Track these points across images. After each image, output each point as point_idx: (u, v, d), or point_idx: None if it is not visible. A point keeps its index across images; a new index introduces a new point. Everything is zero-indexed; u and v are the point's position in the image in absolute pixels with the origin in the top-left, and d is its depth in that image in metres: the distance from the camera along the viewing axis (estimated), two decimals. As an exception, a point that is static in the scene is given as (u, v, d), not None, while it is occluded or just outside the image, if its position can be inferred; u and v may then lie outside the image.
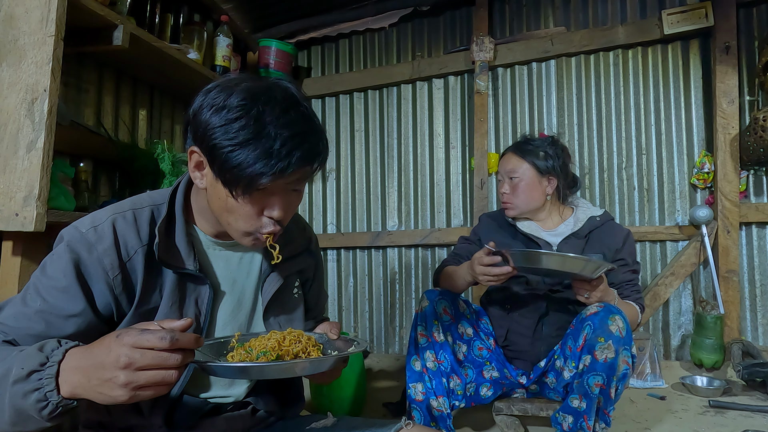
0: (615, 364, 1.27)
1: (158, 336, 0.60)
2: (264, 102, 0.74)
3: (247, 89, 0.76)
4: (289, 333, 0.82)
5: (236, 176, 0.74)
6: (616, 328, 1.28)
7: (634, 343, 2.13)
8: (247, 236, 0.83)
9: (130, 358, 0.59)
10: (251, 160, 0.72)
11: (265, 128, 0.72)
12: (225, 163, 0.74)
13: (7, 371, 0.64)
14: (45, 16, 1.39)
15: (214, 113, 0.74)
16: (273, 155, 0.72)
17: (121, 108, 2.20)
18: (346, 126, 3.09)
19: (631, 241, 1.60)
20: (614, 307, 1.35)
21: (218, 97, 0.76)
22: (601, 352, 1.28)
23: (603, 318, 1.31)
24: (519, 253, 1.34)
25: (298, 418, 1.02)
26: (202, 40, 2.27)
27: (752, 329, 2.34)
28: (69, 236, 0.79)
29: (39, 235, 1.39)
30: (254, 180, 0.73)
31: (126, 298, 0.80)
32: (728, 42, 2.31)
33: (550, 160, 1.62)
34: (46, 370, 0.62)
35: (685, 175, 2.47)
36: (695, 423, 1.73)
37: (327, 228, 3.09)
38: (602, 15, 2.64)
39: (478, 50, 2.69)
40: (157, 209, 0.86)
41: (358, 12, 2.98)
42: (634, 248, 1.62)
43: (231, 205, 0.78)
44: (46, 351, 0.64)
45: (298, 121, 0.75)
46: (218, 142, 0.74)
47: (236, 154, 0.72)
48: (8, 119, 1.39)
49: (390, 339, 2.90)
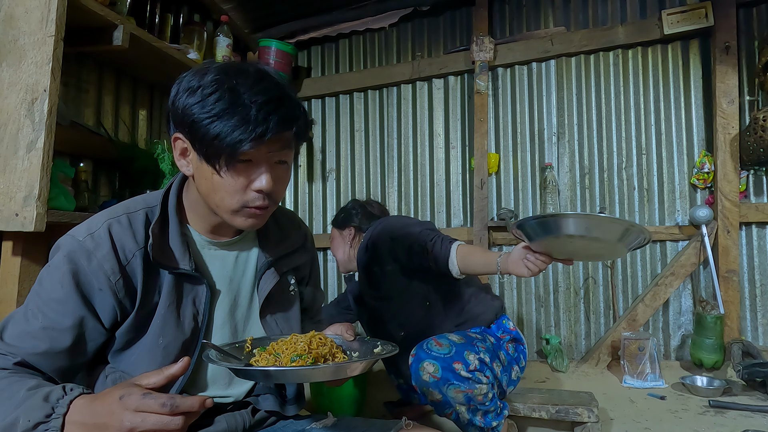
0: (448, 398, 1.33)
1: (159, 402, 0.62)
2: (236, 75, 0.76)
3: (220, 67, 0.78)
4: (313, 336, 0.83)
5: (217, 148, 0.75)
6: (428, 375, 1.33)
7: (630, 343, 2.16)
8: (237, 214, 0.82)
9: (132, 422, 0.62)
10: (229, 128, 0.73)
11: (240, 97, 0.74)
12: (204, 136, 0.75)
13: (15, 421, 0.65)
14: (45, 16, 1.39)
15: (190, 95, 0.76)
16: (250, 121, 0.73)
17: (121, 108, 2.20)
18: (346, 126, 3.09)
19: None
20: (421, 352, 1.37)
21: (192, 80, 0.77)
22: (430, 395, 1.36)
23: (415, 371, 1.36)
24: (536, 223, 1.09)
25: (298, 418, 1.02)
26: (202, 40, 2.27)
27: (752, 329, 2.34)
28: (66, 246, 0.79)
29: (39, 235, 1.39)
30: (235, 148, 0.74)
31: (129, 302, 0.81)
32: (728, 42, 2.31)
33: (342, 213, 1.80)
34: (51, 422, 0.65)
35: (685, 175, 2.47)
36: (695, 423, 1.73)
37: (327, 228, 3.09)
38: (602, 15, 2.64)
39: (478, 50, 2.69)
40: (151, 211, 0.86)
41: (358, 12, 2.98)
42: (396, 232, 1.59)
43: (217, 183, 0.78)
44: (51, 401, 0.66)
45: (271, 88, 0.77)
46: (196, 117, 0.75)
47: (214, 126, 0.74)
48: (8, 119, 1.39)
49: (390, 339, 2.90)
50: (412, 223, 1.56)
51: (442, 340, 1.39)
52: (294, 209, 3.14)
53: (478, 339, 1.47)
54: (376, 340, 0.88)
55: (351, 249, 1.77)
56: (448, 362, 1.32)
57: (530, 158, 2.71)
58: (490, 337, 1.54)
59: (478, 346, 1.42)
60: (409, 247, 1.49)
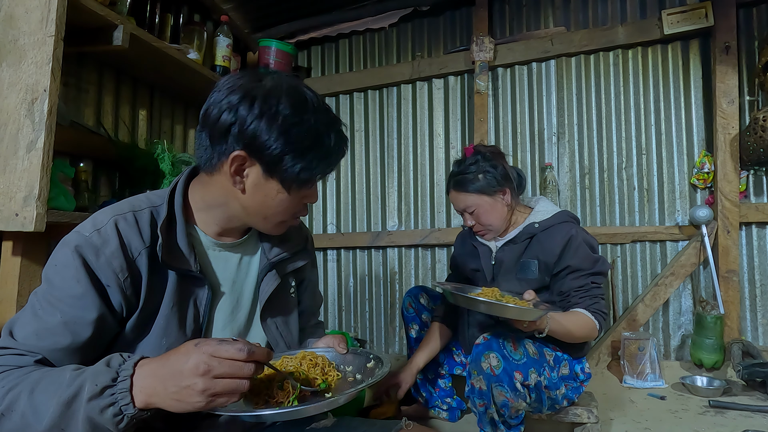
0: (489, 394, 1.32)
1: (237, 347, 0.64)
2: (308, 106, 0.83)
3: (288, 94, 0.82)
4: (303, 357, 0.83)
5: (300, 177, 0.83)
6: (488, 365, 1.32)
7: (630, 343, 2.16)
8: (282, 224, 0.91)
9: (209, 365, 0.63)
10: (315, 162, 0.83)
11: (321, 137, 0.83)
12: (288, 168, 0.82)
13: (80, 388, 0.65)
14: (45, 16, 1.39)
15: (267, 122, 0.79)
16: (331, 153, 0.85)
17: (121, 108, 2.19)
18: (346, 126, 3.08)
19: (575, 245, 1.50)
20: (495, 343, 1.34)
21: (263, 101, 0.79)
22: (476, 381, 1.35)
23: (479, 354, 1.34)
24: (453, 296, 1.34)
25: (298, 418, 1.02)
26: (202, 40, 2.27)
27: (752, 329, 2.34)
28: (73, 242, 0.77)
29: (39, 235, 1.39)
30: (314, 176, 0.85)
31: (134, 300, 0.80)
32: (728, 42, 2.31)
33: (489, 175, 1.57)
34: (119, 384, 0.65)
35: (685, 175, 2.47)
36: (695, 423, 1.73)
37: (327, 228, 3.09)
38: (602, 15, 2.64)
39: (478, 50, 2.69)
40: (156, 210, 0.86)
41: (358, 12, 2.98)
42: (585, 251, 1.50)
43: (280, 200, 0.85)
44: (114, 366, 0.67)
45: (331, 115, 0.87)
46: (280, 151, 0.80)
47: (299, 160, 0.82)
48: (8, 119, 1.39)
49: (390, 339, 2.90)
50: (597, 259, 1.52)
51: (519, 345, 1.39)
52: (294, 209, 3.13)
53: (550, 365, 1.46)
54: (369, 353, 0.88)
55: (510, 213, 1.63)
56: (512, 368, 1.32)
57: (530, 158, 2.71)
58: (565, 369, 1.52)
59: (545, 370, 1.42)
60: (568, 274, 1.49)
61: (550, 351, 1.50)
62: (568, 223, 1.56)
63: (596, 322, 1.46)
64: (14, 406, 0.66)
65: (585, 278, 1.49)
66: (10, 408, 0.66)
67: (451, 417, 1.79)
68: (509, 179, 1.61)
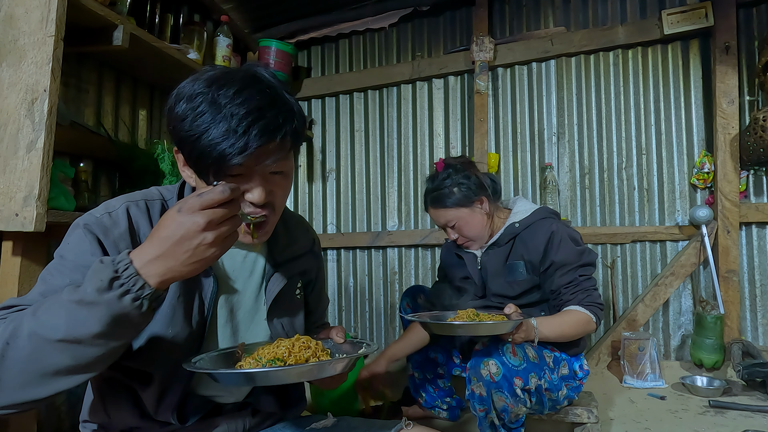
0: (489, 400, 1.32)
1: (218, 191, 0.63)
2: (220, 85, 0.75)
3: (208, 77, 0.77)
4: (297, 339, 0.82)
5: (205, 164, 0.75)
6: (487, 372, 1.31)
7: (630, 343, 2.16)
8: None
9: (207, 216, 0.63)
10: (213, 144, 0.72)
11: (221, 110, 0.73)
12: (192, 152, 0.75)
13: (85, 291, 0.62)
14: (45, 16, 1.39)
15: (179, 107, 0.76)
16: (231, 135, 0.72)
17: (121, 108, 2.20)
18: (346, 126, 3.09)
19: (557, 240, 1.50)
20: (494, 349, 1.36)
21: (183, 89, 0.77)
22: (476, 387, 1.33)
23: (478, 361, 1.34)
24: (431, 324, 1.34)
25: (298, 418, 1.02)
26: (202, 40, 2.27)
27: (752, 329, 2.34)
28: (85, 221, 0.79)
29: (39, 235, 1.39)
30: (221, 163, 0.73)
31: None
32: (728, 42, 2.31)
33: (464, 187, 1.59)
34: (123, 273, 0.63)
35: (685, 175, 2.47)
36: (695, 423, 1.73)
37: (327, 228, 3.09)
38: (602, 15, 2.64)
39: (478, 50, 2.69)
40: (167, 204, 0.88)
41: (358, 12, 2.98)
42: (569, 245, 1.50)
43: None
44: (107, 262, 0.64)
45: (253, 97, 0.74)
46: (183, 134, 0.75)
47: (199, 142, 0.73)
48: (8, 119, 1.39)
49: (390, 339, 2.90)
50: (582, 251, 1.52)
51: (518, 350, 1.39)
52: (294, 209, 3.13)
53: (549, 367, 1.46)
54: (365, 342, 0.88)
55: (490, 220, 1.64)
56: (512, 374, 1.32)
57: (530, 158, 2.71)
58: (564, 369, 1.53)
59: (545, 372, 1.42)
60: (555, 271, 1.50)
61: (549, 352, 1.50)
62: (548, 219, 1.57)
63: (592, 315, 1.46)
64: (18, 331, 0.62)
65: (573, 273, 1.49)
66: (14, 334, 0.63)
67: (451, 416, 1.79)
68: (484, 187, 1.62)
